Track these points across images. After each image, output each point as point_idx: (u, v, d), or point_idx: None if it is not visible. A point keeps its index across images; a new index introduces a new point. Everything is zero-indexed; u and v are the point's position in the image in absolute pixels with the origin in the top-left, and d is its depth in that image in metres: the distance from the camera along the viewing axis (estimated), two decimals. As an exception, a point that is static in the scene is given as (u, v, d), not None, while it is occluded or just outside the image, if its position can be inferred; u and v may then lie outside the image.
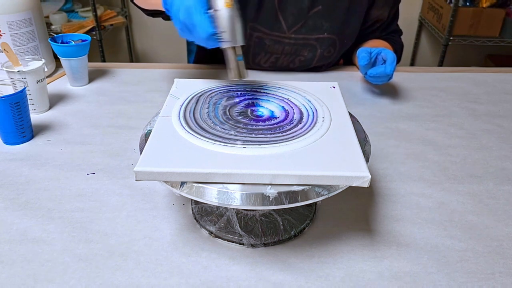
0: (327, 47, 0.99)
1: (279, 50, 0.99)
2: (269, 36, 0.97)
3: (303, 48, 0.99)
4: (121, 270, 0.50)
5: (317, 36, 0.97)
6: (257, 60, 1.02)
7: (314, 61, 1.02)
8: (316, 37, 0.97)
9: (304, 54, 1.00)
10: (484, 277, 0.50)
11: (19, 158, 0.70)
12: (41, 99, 0.83)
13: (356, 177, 0.45)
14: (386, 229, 0.57)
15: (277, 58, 1.01)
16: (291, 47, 0.98)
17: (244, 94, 0.62)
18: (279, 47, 0.98)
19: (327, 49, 0.99)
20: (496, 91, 0.97)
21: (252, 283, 0.49)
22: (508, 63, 2.08)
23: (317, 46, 0.98)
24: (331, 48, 0.99)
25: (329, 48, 0.99)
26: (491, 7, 1.93)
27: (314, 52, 0.99)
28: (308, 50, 0.99)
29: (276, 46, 0.98)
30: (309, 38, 0.97)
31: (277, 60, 1.02)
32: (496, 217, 0.59)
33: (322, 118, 0.55)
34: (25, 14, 0.89)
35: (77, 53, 0.91)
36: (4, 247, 0.53)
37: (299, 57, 1.01)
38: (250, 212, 0.56)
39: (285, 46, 0.98)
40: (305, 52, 0.99)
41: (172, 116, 0.55)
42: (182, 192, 0.46)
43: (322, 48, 0.99)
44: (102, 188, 0.63)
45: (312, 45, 0.98)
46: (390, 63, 0.86)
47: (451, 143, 0.76)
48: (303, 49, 0.99)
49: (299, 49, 0.99)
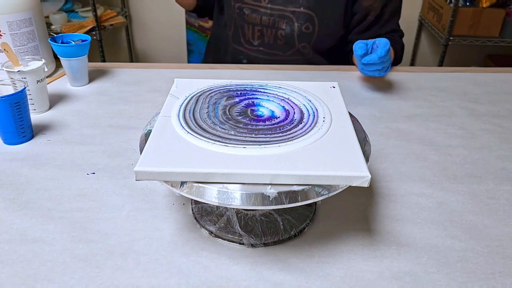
0: (304, 22, 1.01)
1: (257, 19, 1.03)
2: (247, 5, 1.03)
3: (280, 20, 1.02)
4: (121, 270, 0.50)
5: (293, 9, 1.00)
6: (246, 36, 1.07)
7: (295, 37, 1.03)
8: (292, 10, 1.00)
9: (282, 27, 1.03)
10: (484, 277, 0.50)
11: (19, 158, 0.70)
12: (41, 99, 0.83)
13: (356, 177, 0.45)
14: (386, 229, 0.57)
15: (261, 32, 1.05)
16: (268, 17, 1.02)
17: (244, 94, 0.62)
18: (256, 16, 1.03)
19: (305, 24, 1.01)
20: (496, 91, 0.97)
21: (252, 283, 0.49)
22: (508, 63, 2.08)
23: (293, 19, 1.01)
24: (308, 24, 1.02)
25: (306, 23, 1.01)
26: (491, 7, 1.93)
27: (292, 26, 1.02)
28: (286, 23, 1.02)
29: (254, 15, 1.03)
30: (285, 10, 1.00)
31: (262, 35, 1.05)
32: (496, 217, 0.59)
33: (322, 118, 0.55)
34: (25, 14, 0.89)
35: (77, 53, 0.91)
36: (4, 247, 0.53)
37: (279, 31, 1.04)
38: (250, 212, 0.56)
39: (262, 16, 1.02)
40: (283, 25, 1.02)
41: (172, 116, 0.55)
42: (182, 192, 0.46)
43: (299, 23, 1.01)
44: (102, 188, 0.63)
45: (288, 17, 1.01)
46: (382, 47, 0.84)
47: (451, 143, 0.76)
48: (281, 21, 1.02)
49: (276, 20, 1.02)
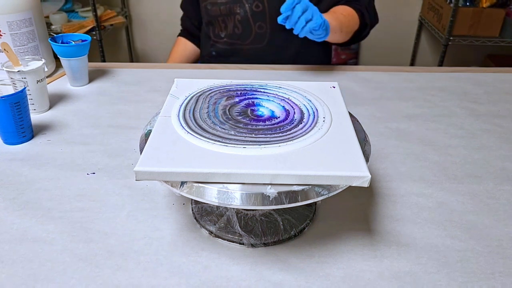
0: (253, 1, 1.06)
1: (217, 11, 1.11)
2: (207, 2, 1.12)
3: (234, 5, 1.08)
4: (121, 270, 0.50)
5: None
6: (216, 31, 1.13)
7: (249, 19, 1.08)
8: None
9: (237, 11, 1.08)
10: (484, 277, 0.50)
11: (19, 158, 0.70)
12: (41, 99, 0.83)
13: (356, 177, 0.45)
14: (386, 229, 0.57)
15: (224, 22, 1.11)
16: (224, 6, 1.09)
17: (244, 94, 0.62)
18: (216, 8, 1.10)
19: (254, 3, 1.06)
20: (496, 91, 0.97)
21: (252, 283, 0.49)
22: (508, 63, 2.07)
23: (243, 1, 1.07)
24: (257, 2, 1.07)
25: (255, 2, 1.07)
26: (491, 7, 1.93)
27: (244, 8, 1.08)
28: (239, 7, 1.08)
29: (214, 8, 1.10)
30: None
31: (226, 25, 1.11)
32: (496, 217, 0.59)
33: (323, 118, 0.55)
34: (25, 14, 0.89)
35: (77, 53, 0.91)
36: (4, 247, 0.53)
37: (236, 16, 1.09)
38: (250, 212, 0.56)
39: (220, 6, 1.10)
40: (237, 9, 1.08)
41: (172, 116, 0.55)
42: (182, 192, 0.46)
43: (249, 3, 1.07)
44: (102, 188, 0.63)
45: (240, 2, 1.07)
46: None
47: (451, 143, 0.76)
48: (235, 6, 1.08)
49: (231, 7, 1.08)
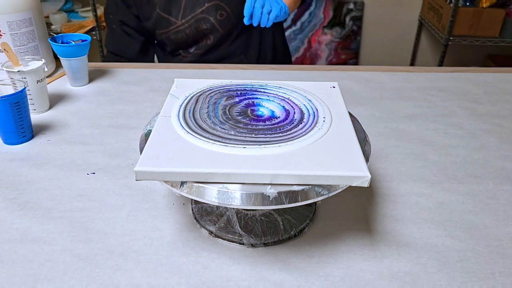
0: (216, 13, 1.05)
1: (183, 37, 1.08)
2: (169, 32, 1.09)
3: (199, 24, 1.06)
4: (121, 270, 0.50)
5: (201, 10, 1.05)
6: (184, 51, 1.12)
7: (220, 27, 1.07)
8: (201, 11, 1.04)
9: (204, 28, 1.07)
10: (484, 277, 0.50)
11: (19, 158, 0.70)
12: (41, 99, 0.83)
13: (356, 177, 0.45)
14: (386, 229, 0.57)
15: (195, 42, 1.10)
16: (190, 29, 1.06)
17: (244, 94, 0.62)
18: (182, 35, 1.08)
19: (218, 13, 1.05)
20: (496, 91, 0.97)
21: (252, 283, 0.49)
22: (508, 63, 2.08)
23: (208, 17, 1.05)
24: (222, 11, 1.05)
25: (218, 11, 1.05)
26: (491, 7, 1.93)
27: (210, 22, 1.06)
28: (204, 23, 1.06)
29: (180, 35, 1.08)
30: (196, 15, 1.05)
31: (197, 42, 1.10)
32: (496, 217, 0.59)
33: (323, 118, 0.55)
34: (25, 14, 0.89)
35: (77, 53, 0.91)
36: (4, 247, 0.53)
37: (204, 32, 1.08)
38: (250, 212, 0.56)
39: (185, 31, 1.07)
40: (204, 26, 1.06)
41: (172, 116, 0.55)
42: (182, 192, 0.46)
43: (213, 15, 1.05)
44: (102, 188, 0.63)
45: (204, 18, 1.05)
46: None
47: (451, 143, 0.76)
48: (200, 25, 1.06)
49: (197, 27, 1.06)
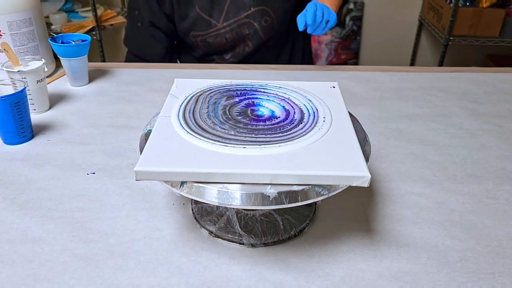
0: (261, 18, 1.02)
1: (223, 41, 1.04)
2: (207, 36, 1.03)
3: (241, 29, 1.03)
4: (121, 270, 0.50)
5: (246, 14, 1.01)
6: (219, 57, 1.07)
7: (262, 34, 1.04)
8: (246, 15, 1.01)
9: (246, 33, 1.04)
10: (484, 277, 0.50)
11: (19, 158, 0.70)
12: (41, 99, 0.83)
13: (356, 177, 0.45)
14: (386, 229, 0.57)
15: (232, 47, 1.06)
16: (231, 33, 1.03)
17: (244, 94, 0.62)
18: (221, 39, 1.03)
19: (263, 19, 1.02)
20: (496, 91, 0.97)
21: (252, 283, 0.49)
22: (508, 63, 2.07)
23: (252, 22, 1.02)
24: (266, 17, 1.02)
25: (263, 17, 1.02)
26: (491, 7, 1.93)
27: (253, 27, 1.03)
28: (247, 28, 1.03)
29: (218, 39, 1.04)
30: (240, 20, 1.02)
31: (234, 48, 1.06)
32: (496, 217, 0.59)
33: (323, 118, 0.55)
34: (25, 14, 0.89)
35: (77, 53, 0.91)
36: (4, 247, 0.53)
37: (245, 37, 1.05)
38: (250, 212, 0.56)
39: (226, 35, 1.03)
40: (246, 31, 1.03)
41: (172, 116, 0.55)
42: (182, 192, 0.46)
43: (258, 21, 1.02)
44: (102, 188, 0.63)
45: (248, 23, 1.02)
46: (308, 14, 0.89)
47: (451, 143, 0.76)
48: (242, 30, 1.03)
49: (239, 32, 1.03)
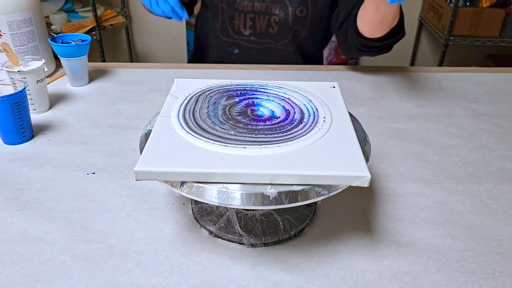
0: (298, 5, 0.96)
1: (249, 6, 0.97)
2: None
3: (273, 5, 0.97)
4: (121, 270, 0.50)
5: None
6: (236, 26, 1.01)
7: (289, 22, 0.98)
8: None
9: (275, 13, 0.98)
10: (484, 277, 0.50)
11: (19, 158, 0.70)
12: (41, 99, 0.83)
13: (356, 177, 0.45)
14: (386, 229, 0.57)
15: (253, 20, 0.99)
16: (261, 3, 0.97)
17: (244, 94, 0.62)
18: (248, 3, 0.97)
19: (299, 7, 0.97)
20: (496, 91, 0.97)
21: (252, 283, 0.49)
22: (508, 63, 2.08)
23: (287, 3, 0.96)
24: (302, 7, 0.97)
25: (300, 6, 0.97)
26: (491, 7, 1.93)
27: (286, 10, 0.97)
28: (279, 8, 0.97)
29: (246, 2, 0.97)
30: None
31: (254, 23, 0.99)
32: (496, 217, 0.59)
33: (323, 118, 0.55)
34: (25, 14, 0.89)
35: (77, 53, 0.91)
36: (4, 247, 0.53)
37: (272, 16, 0.98)
38: (250, 212, 0.56)
39: (254, 2, 0.97)
40: (276, 10, 0.97)
41: (172, 116, 0.55)
42: (182, 192, 0.46)
43: (293, 6, 0.96)
44: (102, 188, 0.63)
45: (281, 1, 0.96)
46: None
47: (451, 143, 0.76)
48: (274, 7, 0.97)
49: (269, 6, 0.97)
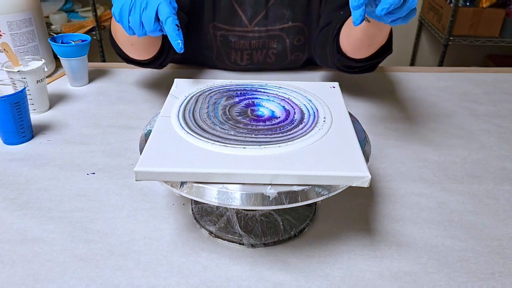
0: (295, 36, 0.96)
1: (246, 45, 0.96)
2: (231, 33, 0.95)
3: (270, 40, 0.96)
4: (121, 270, 0.50)
5: (281, 26, 0.94)
6: (232, 59, 0.99)
7: (288, 53, 0.98)
8: (280, 27, 0.94)
9: (273, 46, 0.97)
10: (484, 277, 0.50)
11: (19, 158, 0.70)
12: (41, 99, 0.83)
13: (356, 177, 0.45)
14: (386, 229, 0.57)
15: (250, 54, 0.98)
16: (257, 40, 0.96)
17: (244, 94, 0.62)
18: (245, 42, 0.96)
19: (296, 37, 0.96)
20: (496, 91, 0.97)
21: (252, 283, 0.49)
22: (508, 63, 2.08)
23: (284, 36, 0.95)
24: (300, 36, 0.96)
25: (298, 36, 0.96)
26: (491, 7, 1.94)
27: (283, 43, 0.96)
28: (277, 42, 0.96)
29: (242, 41, 0.95)
30: (273, 29, 0.95)
31: (251, 56, 0.99)
32: (496, 217, 0.59)
33: (323, 118, 0.55)
34: (25, 14, 0.89)
35: (77, 53, 0.91)
36: (4, 247, 0.53)
37: (270, 50, 0.97)
38: (250, 212, 0.56)
39: (251, 40, 0.95)
40: (274, 44, 0.96)
41: (172, 117, 0.55)
42: (182, 192, 0.46)
43: (290, 38, 0.95)
44: (102, 188, 0.63)
45: (278, 36, 0.95)
46: None
47: (451, 143, 0.76)
48: (271, 41, 0.96)
49: (266, 41, 0.96)
